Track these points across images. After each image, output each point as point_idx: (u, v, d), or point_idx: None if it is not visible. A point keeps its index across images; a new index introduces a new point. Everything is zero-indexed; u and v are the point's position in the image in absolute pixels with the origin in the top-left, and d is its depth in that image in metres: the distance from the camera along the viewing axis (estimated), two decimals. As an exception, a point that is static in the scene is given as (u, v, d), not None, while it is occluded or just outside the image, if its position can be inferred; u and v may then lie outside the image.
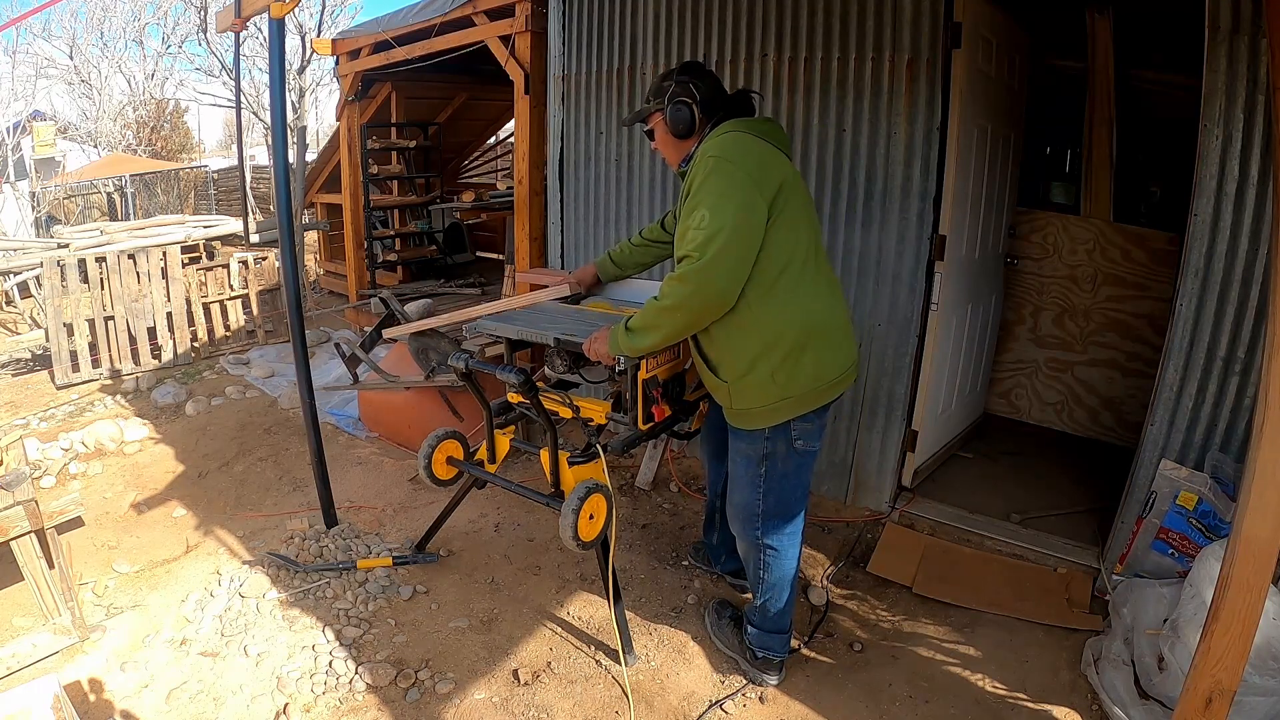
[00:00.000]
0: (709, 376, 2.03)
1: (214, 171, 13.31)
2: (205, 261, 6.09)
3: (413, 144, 5.92)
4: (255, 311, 5.87)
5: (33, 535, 2.32)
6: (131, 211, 11.66)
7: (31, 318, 6.51)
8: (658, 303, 1.89)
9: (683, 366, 2.50)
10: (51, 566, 2.40)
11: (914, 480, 3.19)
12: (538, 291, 2.74)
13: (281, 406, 4.48)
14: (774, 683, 2.20)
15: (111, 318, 5.20)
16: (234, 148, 17.49)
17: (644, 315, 1.93)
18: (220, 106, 17.78)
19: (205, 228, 7.01)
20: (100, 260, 5.24)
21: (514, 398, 2.57)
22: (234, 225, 7.18)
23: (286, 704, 2.11)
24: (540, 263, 4.22)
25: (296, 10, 7.60)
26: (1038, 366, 3.86)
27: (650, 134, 2.10)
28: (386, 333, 3.71)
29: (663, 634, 2.42)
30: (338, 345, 3.98)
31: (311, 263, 8.32)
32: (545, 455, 2.33)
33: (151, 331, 5.37)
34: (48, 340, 5.09)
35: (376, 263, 5.90)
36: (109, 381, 5.08)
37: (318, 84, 15.76)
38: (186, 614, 2.51)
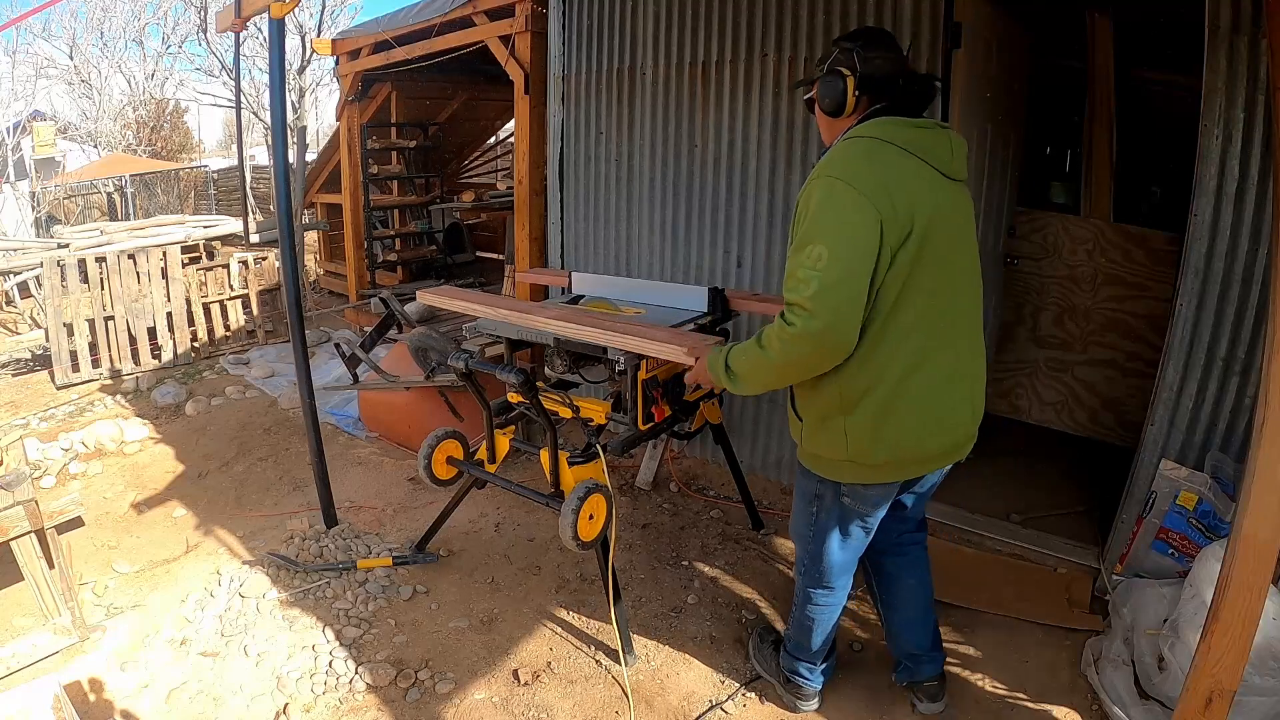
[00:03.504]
0: (790, 411, 1.81)
1: (214, 171, 13.29)
2: (205, 261, 6.09)
3: (413, 144, 5.92)
4: (255, 311, 5.87)
5: (33, 535, 2.32)
6: (131, 211, 11.65)
7: (31, 318, 6.51)
8: (764, 354, 1.59)
9: (682, 367, 2.50)
10: (51, 566, 2.40)
11: (914, 480, 3.18)
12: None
13: (281, 406, 4.48)
14: (809, 709, 2.09)
15: (111, 318, 5.20)
16: (234, 148, 17.48)
17: (748, 362, 1.66)
18: (220, 106, 17.81)
19: (205, 228, 7.00)
20: (100, 260, 5.24)
21: (514, 398, 2.57)
22: (234, 225, 7.16)
23: (286, 704, 2.11)
24: (540, 262, 4.22)
25: (296, 10, 7.60)
26: (1038, 366, 3.86)
27: (810, 105, 1.72)
28: (421, 295, 2.81)
29: (663, 634, 2.42)
30: (338, 345, 3.98)
31: (311, 263, 8.32)
32: (545, 455, 2.33)
33: (151, 331, 5.37)
34: (48, 340, 5.09)
35: (376, 263, 5.90)
36: (109, 381, 5.08)
37: (318, 84, 15.78)
38: (186, 614, 2.51)
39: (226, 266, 5.80)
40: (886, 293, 1.53)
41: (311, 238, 8.45)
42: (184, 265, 5.56)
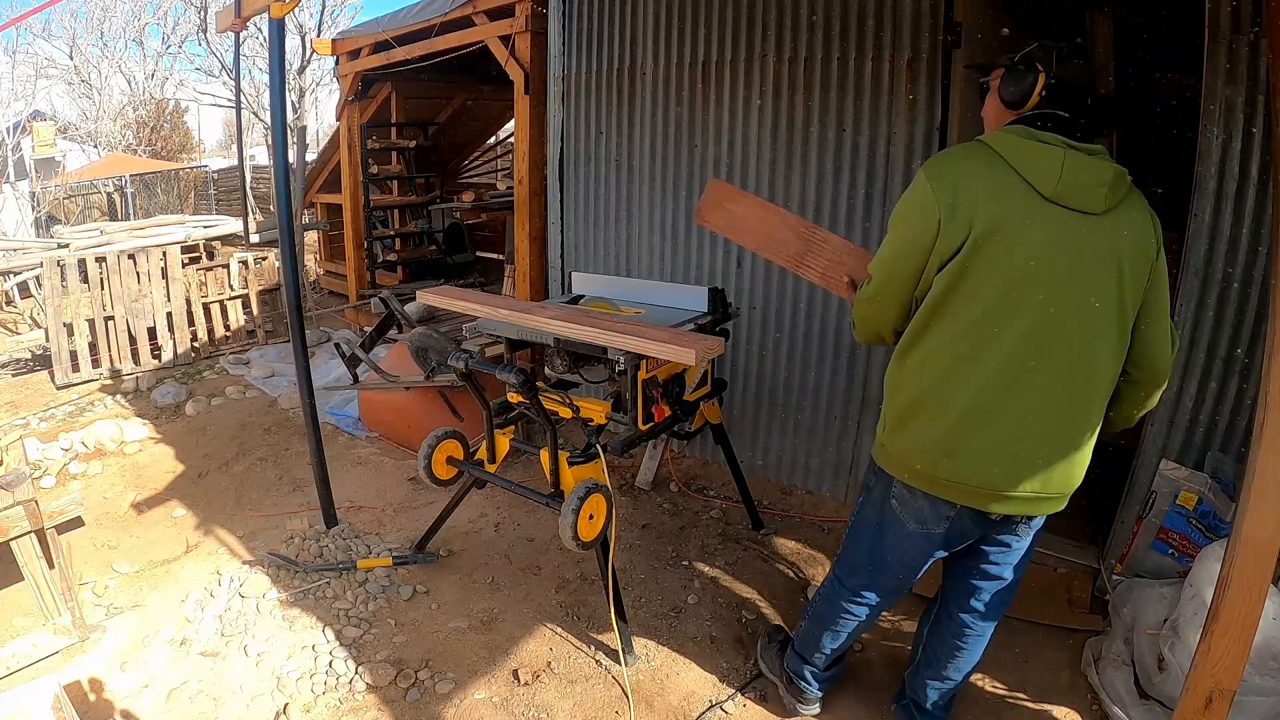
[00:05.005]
0: None
1: (214, 171, 13.30)
2: (205, 261, 6.09)
3: (413, 144, 5.92)
4: (255, 311, 5.87)
5: (33, 535, 2.32)
6: (131, 211, 11.65)
7: (31, 318, 6.51)
8: (854, 303, 1.75)
9: (682, 367, 2.50)
10: (51, 566, 2.40)
11: (914, 480, 3.18)
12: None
13: (281, 406, 4.48)
14: (809, 713, 2.07)
15: (111, 318, 5.20)
16: (234, 148, 17.49)
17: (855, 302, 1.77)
18: (220, 106, 17.82)
19: (205, 228, 7.00)
20: (100, 260, 5.24)
21: (514, 398, 2.57)
22: (234, 225, 7.16)
23: (286, 704, 2.11)
24: (540, 263, 4.22)
25: (296, 10, 7.59)
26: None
27: (983, 90, 1.66)
28: (422, 295, 2.80)
29: (663, 634, 2.42)
30: (338, 345, 3.98)
31: (311, 263, 8.32)
32: (545, 455, 2.33)
33: (151, 331, 5.37)
34: (48, 340, 5.09)
35: (376, 263, 5.90)
36: (109, 381, 5.08)
37: (318, 84, 15.80)
38: (186, 614, 2.51)
39: (226, 266, 5.80)
40: (930, 298, 1.52)
41: (311, 238, 8.46)
42: (184, 265, 5.56)
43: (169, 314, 5.42)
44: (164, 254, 5.46)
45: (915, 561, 1.77)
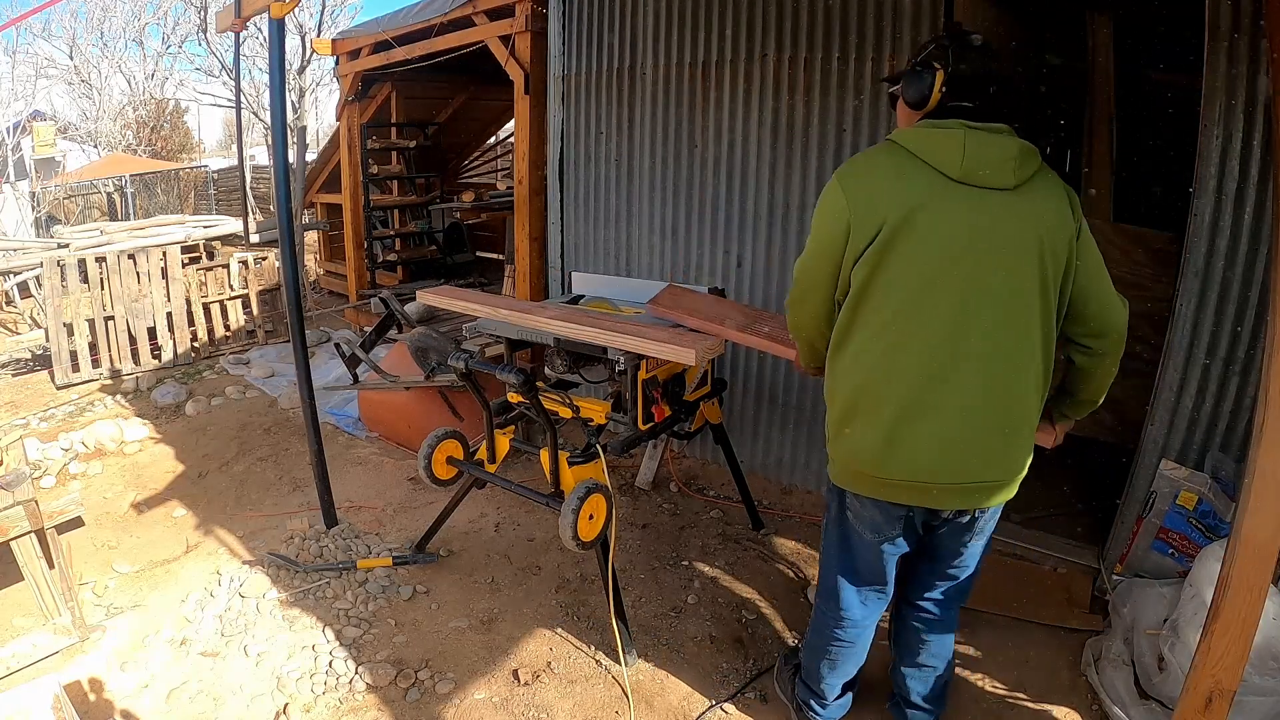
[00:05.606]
0: None
1: (214, 171, 13.29)
2: (205, 261, 6.09)
3: (413, 144, 5.92)
4: (255, 311, 5.87)
5: (33, 535, 2.32)
6: (131, 211, 11.65)
7: (31, 318, 6.51)
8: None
9: (682, 367, 2.50)
10: (51, 566, 2.40)
11: (914, 480, 3.17)
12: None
13: (281, 406, 4.48)
14: None
15: (111, 318, 5.20)
16: (234, 148, 17.49)
17: None
18: (220, 106, 17.82)
19: (205, 228, 6.99)
20: (100, 260, 5.24)
21: (514, 398, 2.57)
22: (234, 225, 7.16)
23: (286, 704, 2.11)
24: (540, 263, 4.22)
25: (296, 10, 7.60)
26: (1038, 366, 3.85)
27: (894, 98, 1.69)
28: (422, 295, 2.82)
29: (663, 634, 2.42)
30: (338, 345, 3.98)
31: (311, 263, 8.32)
32: (545, 455, 2.33)
33: (151, 331, 5.37)
34: (48, 340, 5.09)
35: (376, 263, 5.90)
36: (109, 381, 5.08)
37: (318, 84, 15.80)
38: (186, 614, 2.51)
39: (226, 266, 5.80)
40: (850, 295, 1.54)
41: (311, 238, 8.45)
42: (184, 265, 5.56)
43: (169, 314, 5.42)
44: (164, 254, 5.46)
45: (881, 568, 1.78)
